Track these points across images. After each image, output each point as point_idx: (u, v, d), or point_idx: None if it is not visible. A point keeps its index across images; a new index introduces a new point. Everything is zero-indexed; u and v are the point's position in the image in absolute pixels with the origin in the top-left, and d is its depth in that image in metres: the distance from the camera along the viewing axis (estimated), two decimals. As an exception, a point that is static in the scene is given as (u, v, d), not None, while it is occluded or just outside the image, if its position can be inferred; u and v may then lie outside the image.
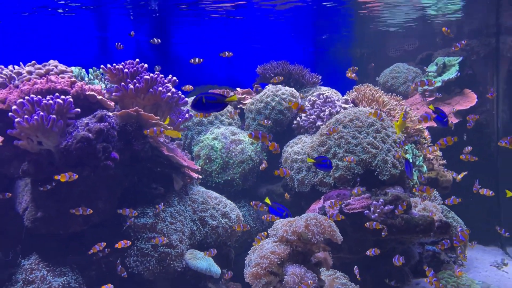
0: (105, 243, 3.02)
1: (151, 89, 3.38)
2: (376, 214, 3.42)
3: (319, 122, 4.34)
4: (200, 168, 3.92)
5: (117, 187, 3.27)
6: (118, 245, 2.98)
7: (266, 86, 4.85)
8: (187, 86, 3.68)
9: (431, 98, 5.22)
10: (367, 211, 3.48)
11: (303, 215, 3.36)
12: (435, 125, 4.95)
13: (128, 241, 3.04)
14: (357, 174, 3.80)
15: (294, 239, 3.23)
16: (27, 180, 3.25)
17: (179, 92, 3.66)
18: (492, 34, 5.21)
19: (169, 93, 3.46)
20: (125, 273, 3.12)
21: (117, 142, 3.17)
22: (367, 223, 3.34)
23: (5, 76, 3.43)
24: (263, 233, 3.43)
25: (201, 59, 3.64)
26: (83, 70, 3.99)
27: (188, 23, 6.01)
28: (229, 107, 4.97)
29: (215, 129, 4.61)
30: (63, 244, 3.23)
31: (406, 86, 5.84)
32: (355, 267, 3.28)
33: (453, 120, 5.11)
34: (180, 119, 3.57)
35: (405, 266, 4.10)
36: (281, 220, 3.48)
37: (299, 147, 4.27)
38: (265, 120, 4.36)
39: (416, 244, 4.23)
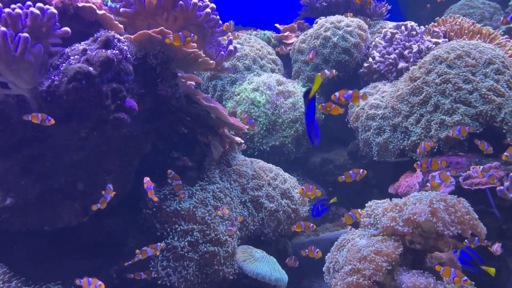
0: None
1: (180, 1, 2.20)
2: (519, 191, 2.39)
3: (402, 64, 3.22)
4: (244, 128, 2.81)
5: (135, 154, 2.16)
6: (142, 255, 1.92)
7: (317, 20, 3.68)
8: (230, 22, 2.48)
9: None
10: (501, 187, 2.44)
11: (415, 195, 2.30)
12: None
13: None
14: (474, 134, 2.73)
15: (407, 231, 2.19)
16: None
17: (216, 14, 2.49)
18: None
19: (208, 9, 2.29)
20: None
21: (134, 83, 2.02)
22: None
23: None
24: (349, 212, 2.40)
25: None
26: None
27: None
28: (270, 49, 3.81)
29: (255, 77, 3.47)
30: (48, 244, 2.13)
31: (483, 25, 4.69)
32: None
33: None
34: (222, 52, 2.42)
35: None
36: (378, 202, 2.43)
37: (378, 98, 3.17)
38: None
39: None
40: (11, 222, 1.94)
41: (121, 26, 2.23)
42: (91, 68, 1.82)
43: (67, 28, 1.93)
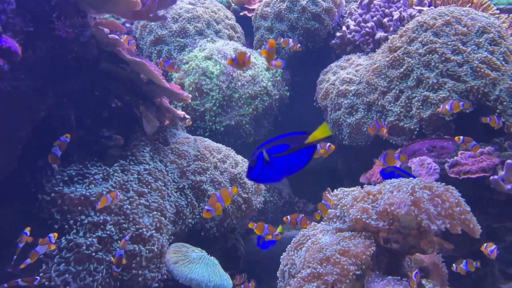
0: None
1: None
2: (516, 182, 1.98)
3: (381, 33, 2.79)
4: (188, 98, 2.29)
5: (22, 119, 1.61)
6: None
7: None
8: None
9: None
10: (495, 177, 2.03)
11: (393, 181, 1.87)
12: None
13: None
14: (463, 113, 2.32)
15: (382, 226, 1.76)
16: None
17: None
18: None
19: None
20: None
21: (17, 17, 1.48)
22: None
23: None
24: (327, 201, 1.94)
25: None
26: None
27: None
28: (228, 13, 3.30)
29: (208, 43, 2.95)
30: None
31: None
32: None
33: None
34: (155, -6, 1.89)
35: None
36: (347, 190, 1.99)
37: (351, 72, 2.72)
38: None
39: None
40: None
41: None
42: None
43: None
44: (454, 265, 1.92)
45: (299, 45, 2.20)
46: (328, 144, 1.88)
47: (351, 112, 2.65)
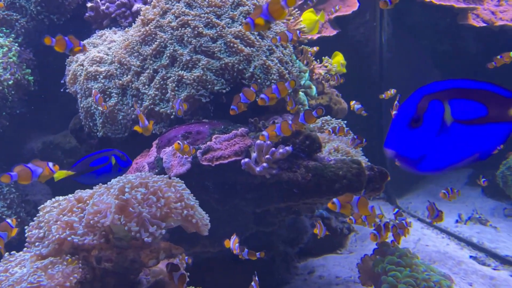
0: None
1: None
2: (265, 164, 1.85)
3: (138, 4, 2.44)
4: None
5: None
6: None
7: None
8: None
9: (300, 2, 3.90)
10: (246, 160, 1.86)
11: (113, 182, 1.52)
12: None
13: None
14: (221, 93, 2.12)
15: (91, 242, 1.40)
16: None
17: None
18: None
19: None
20: None
21: None
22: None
23: None
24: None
25: None
26: None
27: None
28: None
29: None
30: None
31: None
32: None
33: (330, 32, 3.94)
34: None
35: (296, 246, 2.76)
36: (59, 199, 1.58)
37: (102, 50, 2.31)
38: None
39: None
40: None
41: None
42: None
43: None
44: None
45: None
46: None
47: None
